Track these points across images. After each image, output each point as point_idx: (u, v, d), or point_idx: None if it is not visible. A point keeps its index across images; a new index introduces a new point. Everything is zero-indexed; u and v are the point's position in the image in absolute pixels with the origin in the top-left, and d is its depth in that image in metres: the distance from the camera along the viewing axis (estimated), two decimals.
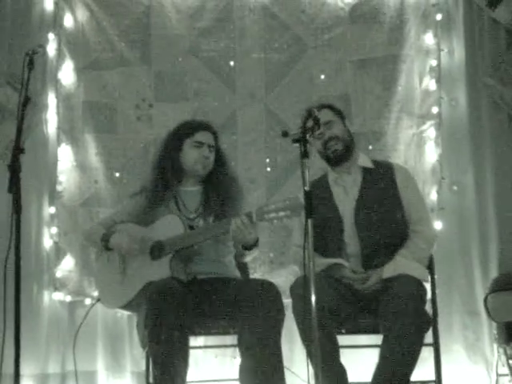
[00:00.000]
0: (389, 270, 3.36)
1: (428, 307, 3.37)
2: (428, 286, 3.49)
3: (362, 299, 3.42)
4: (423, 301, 3.25)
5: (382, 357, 3.12)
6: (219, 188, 3.56)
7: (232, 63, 5.06)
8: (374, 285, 3.38)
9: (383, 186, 3.55)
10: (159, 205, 3.50)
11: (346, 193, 3.62)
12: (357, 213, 3.52)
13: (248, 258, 3.58)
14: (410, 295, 3.15)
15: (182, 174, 3.61)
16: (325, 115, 3.62)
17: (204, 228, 3.41)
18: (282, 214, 3.01)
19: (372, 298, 3.37)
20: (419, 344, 3.14)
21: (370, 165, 3.65)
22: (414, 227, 3.53)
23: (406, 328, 3.07)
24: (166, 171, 3.56)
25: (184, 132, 3.59)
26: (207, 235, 3.30)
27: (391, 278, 3.30)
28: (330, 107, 3.74)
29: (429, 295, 3.46)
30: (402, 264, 3.37)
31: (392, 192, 3.54)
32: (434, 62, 4.95)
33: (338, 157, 3.64)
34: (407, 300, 3.12)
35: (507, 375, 4.27)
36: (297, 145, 2.81)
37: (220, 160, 3.66)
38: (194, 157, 3.56)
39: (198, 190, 3.63)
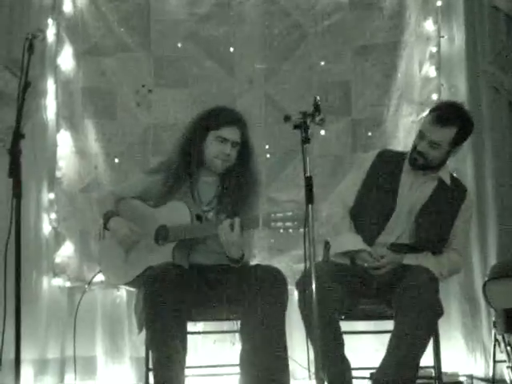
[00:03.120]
0: (410, 258, 3.39)
1: None
2: None
3: (369, 284, 3.42)
4: (437, 290, 3.26)
5: (394, 343, 3.13)
6: (236, 186, 3.47)
7: (231, 49, 5.05)
8: (390, 264, 3.39)
9: (447, 207, 3.54)
10: (175, 190, 3.44)
11: (411, 189, 3.58)
12: (416, 216, 3.51)
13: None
14: (425, 284, 3.17)
15: (203, 164, 3.52)
16: (442, 135, 3.46)
17: (210, 224, 3.36)
18: (288, 224, 2.96)
19: (380, 283, 3.38)
20: (431, 332, 3.20)
21: (447, 180, 3.61)
22: (448, 251, 3.56)
23: (421, 316, 3.10)
24: (189, 156, 3.48)
25: (210, 123, 3.47)
26: (211, 232, 3.24)
27: (405, 268, 3.33)
28: (462, 127, 3.50)
29: None
30: (424, 259, 3.41)
31: (451, 216, 3.54)
32: (434, 49, 4.93)
33: (417, 167, 3.56)
34: (422, 289, 3.15)
35: (505, 361, 4.28)
36: (297, 130, 2.80)
37: (244, 156, 3.54)
38: (215, 151, 3.44)
39: (215, 182, 3.54)
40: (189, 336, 3.17)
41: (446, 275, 3.54)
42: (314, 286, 2.67)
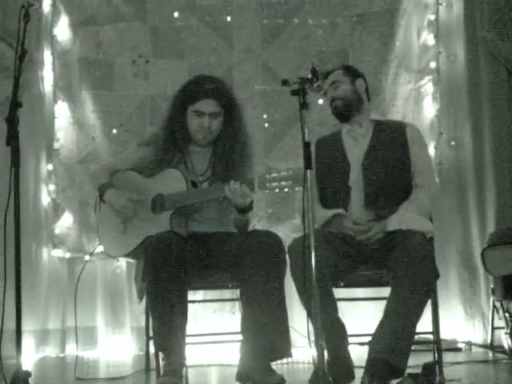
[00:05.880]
0: (393, 223, 3.35)
1: None
2: None
3: (364, 251, 3.43)
4: (432, 254, 3.26)
5: (390, 308, 3.10)
6: (226, 154, 3.46)
7: (229, 18, 5.02)
8: (377, 235, 3.39)
9: (393, 139, 3.55)
10: (167, 161, 3.43)
11: (356, 142, 3.61)
12: (365, 158, 3.52)
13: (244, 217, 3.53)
14: (420, 249, 3.15)
15: (189, 137, 3.51)
16: (334, 76, 3.67)
17: (204, 190, 3.38)
18: (283, 183, 2.97)
19: (374, 250, 3.39)
20: (426, 298, 3.18)
21: (381, 118, 3.65)
22: (418, 182, 3.53)
23: (417, 281, 3.07)
24: (176, 131, 3.48)
25: (187, 98, 3.46)
26: (206, 197, 3.28)
27: (395, 232, 3.32)
28: (345, 68, 3.74)
29: None
30: (407, 218, 3.37)
31: (401, 145, 3.54)
32: (432, 17, 4.91)
33: (340, 113, 3.64)
34: (418, 253, 3.12)
35: (503, 328, 4.31)
36: (295, 99, 2.79)
37: (230, 123, 3.50)
38: (194, 125, 3.44)
39: (207, 152, 3.54)
40: (189, 305, 3.17)
41: (431, 208, 3.55)
42: (313, 255, 2.68)
